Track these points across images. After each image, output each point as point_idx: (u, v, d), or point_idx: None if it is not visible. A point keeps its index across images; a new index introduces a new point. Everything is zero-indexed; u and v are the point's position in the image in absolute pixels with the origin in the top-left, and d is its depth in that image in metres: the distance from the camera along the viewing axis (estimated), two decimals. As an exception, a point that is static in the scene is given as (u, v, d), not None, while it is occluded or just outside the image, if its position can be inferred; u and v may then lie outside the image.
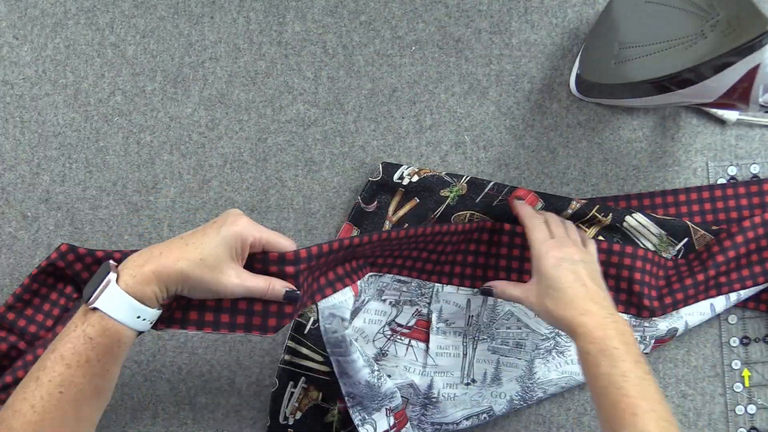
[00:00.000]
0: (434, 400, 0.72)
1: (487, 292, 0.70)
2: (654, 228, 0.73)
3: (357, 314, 0.71)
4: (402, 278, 0.72)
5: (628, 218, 0.73)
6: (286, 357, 0.73)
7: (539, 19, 0.77)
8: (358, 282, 0.66)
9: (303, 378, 0.73)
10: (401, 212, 0.74)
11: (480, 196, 0.74)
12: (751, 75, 0.57)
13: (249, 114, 0.77)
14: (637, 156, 0.77)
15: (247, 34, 0.77)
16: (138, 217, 0.76)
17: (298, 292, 0.55)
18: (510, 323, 0.73)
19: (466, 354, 0.74)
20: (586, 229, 0.74)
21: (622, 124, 0.77)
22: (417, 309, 0.73)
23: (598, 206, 0.73)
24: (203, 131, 0.77)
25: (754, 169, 0.76)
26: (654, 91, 0.65)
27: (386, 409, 0.68)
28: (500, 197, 0.73)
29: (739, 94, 0.60)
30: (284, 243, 0.56)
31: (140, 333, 0.51)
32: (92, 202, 0.76)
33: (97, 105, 0.77)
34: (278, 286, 0.55)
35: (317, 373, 0.72)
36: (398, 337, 0.73)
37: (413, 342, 0.73)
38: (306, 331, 0.72)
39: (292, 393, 0.73)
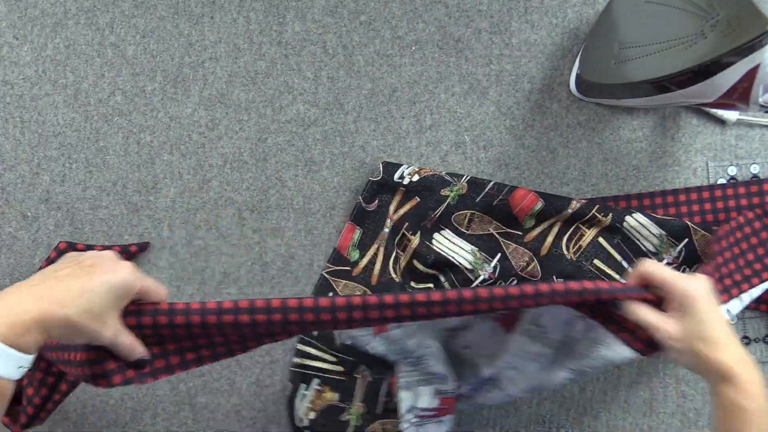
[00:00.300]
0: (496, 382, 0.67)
1: (607, 303, 0.59)
2: (654, 228, 0.73)
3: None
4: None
5: (628, 218, 0.73)
6: (296, 360, 0.73)
7: (539, 19, 0.77)
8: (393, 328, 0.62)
9: (317, 380, 0.72)
10: (402, 211, 0.74)
11: (480, 196, 0.74)
12: (751, 75, 0.57)
13: (249, 114, 0.77)
14: (637, 156, 0.77)
15: (247, 34, 0.77)
16: (138, 217, 0.76)
17: (146, 371, 0.52)
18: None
19: (545, 369, 0.67)
20: (587, 230, 0.74)
21: (622, 124, 0.77)
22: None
23: (597, 206, 0.73)
24: (203, 131, 0.77)
25: (754, 169, 0.76)
26: (654, 91, 0.65)
27: (435, 389, 0.65)
28: (500, 197, 0.73)
29: (739, 94, 0.60)
30: (162, 293, 0.52)
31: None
32: (92, 202, 0.76)
33: (97, 105, 0.77)
34: (137, 351, 0.51)
35: (331, 374, 0.72)
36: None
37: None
38: (315, 334, 0.72)
39: (305, 395, 0.73)
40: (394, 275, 0.74)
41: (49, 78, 0.77)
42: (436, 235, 0.75)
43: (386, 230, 0.74)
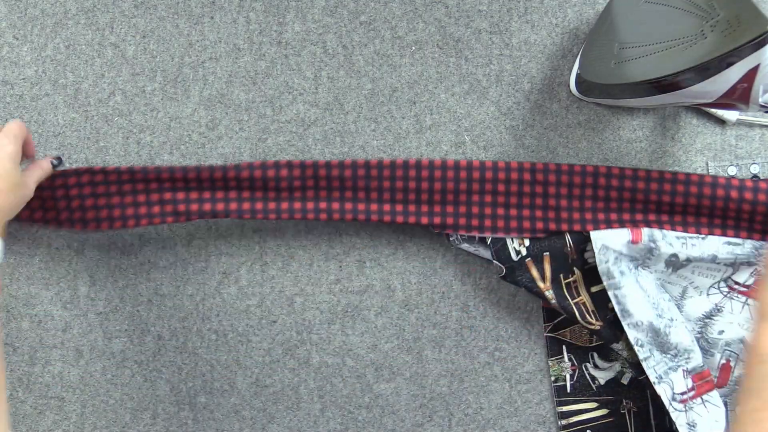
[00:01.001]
0: None
1: None
2: None
3: (684, 267, 0.70)
4: (733, 240, 0.70)
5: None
6: (563, 422, 0.74)
7: (539, 19, 0.77)
8: (648, 232, 0.68)
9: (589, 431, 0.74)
10: (547, 272, 0.72)
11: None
12: (751, 75, 0.57)
13: (249, 114, 0.77)
14: (637, 156, 0.77)
15: (247, 34, 0.77)
16: (138, 217, 0.76)
17: (60, 157, 0.71)
18: None
19: None
20: None
21: (622, 124, 0.77)
22: (756, 269, 0.70)
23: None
24: (203, 131, 0.77)
25: (754, 169, 0.76)
26: (654, 91, 0.65)
27: (683, 370, 0.67)
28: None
29: (739, 94, 0.60)
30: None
31: None
32: (92, 202, 0.76)
33: (97, 105, 0.77)
34: (45, 163, 0.69)
35: (599, 420, 0.73)
36: (735, 294, 0.71)
37: (750, 301, 0.71)
38: (569, 390, 0.74)
39: None
40: (592, 319, 0.72)
41: (49, 78, 0.77)
42: (586, 254, 0.73)
43: (553, 301, 0.72)
